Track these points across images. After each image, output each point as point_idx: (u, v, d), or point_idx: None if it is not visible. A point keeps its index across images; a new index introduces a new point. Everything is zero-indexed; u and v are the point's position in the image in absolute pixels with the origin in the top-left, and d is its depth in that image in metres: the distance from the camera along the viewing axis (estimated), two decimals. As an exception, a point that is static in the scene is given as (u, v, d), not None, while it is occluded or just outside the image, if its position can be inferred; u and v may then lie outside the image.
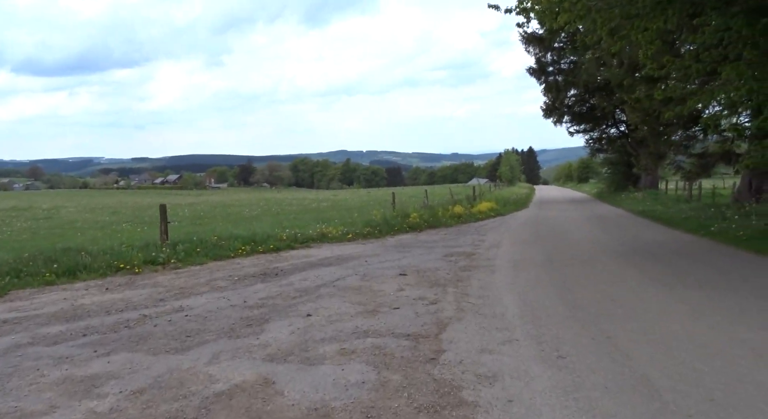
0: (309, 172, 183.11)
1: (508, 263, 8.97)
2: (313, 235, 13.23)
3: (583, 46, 19.94)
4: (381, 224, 14.91)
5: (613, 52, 10.41)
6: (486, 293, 6.65)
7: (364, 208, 23.86)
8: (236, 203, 37.13)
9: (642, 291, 6.54)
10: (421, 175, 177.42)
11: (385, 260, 9.73)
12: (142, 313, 6.04)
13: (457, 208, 19.43)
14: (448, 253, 10.42)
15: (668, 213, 15.90)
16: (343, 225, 14.97)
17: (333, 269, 8.84)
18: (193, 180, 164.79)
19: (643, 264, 8.68)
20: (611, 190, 33.80)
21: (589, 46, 19.40)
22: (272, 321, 5.55)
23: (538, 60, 30.71)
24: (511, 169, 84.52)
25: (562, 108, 30.39)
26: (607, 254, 9.79)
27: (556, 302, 6.00)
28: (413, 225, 15.65)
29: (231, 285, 7.62)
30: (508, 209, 22.89)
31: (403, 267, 8.82)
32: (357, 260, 9.82)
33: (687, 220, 13.68)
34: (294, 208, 29.34)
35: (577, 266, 8.53)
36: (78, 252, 9.33)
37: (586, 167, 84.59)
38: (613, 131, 33.09)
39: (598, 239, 11.98)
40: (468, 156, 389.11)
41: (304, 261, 9.93)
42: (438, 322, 5.35)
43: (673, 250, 10.30)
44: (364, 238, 13.60)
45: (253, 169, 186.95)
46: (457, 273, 8.23)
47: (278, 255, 10.79)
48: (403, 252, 10.81)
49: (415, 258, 9.94)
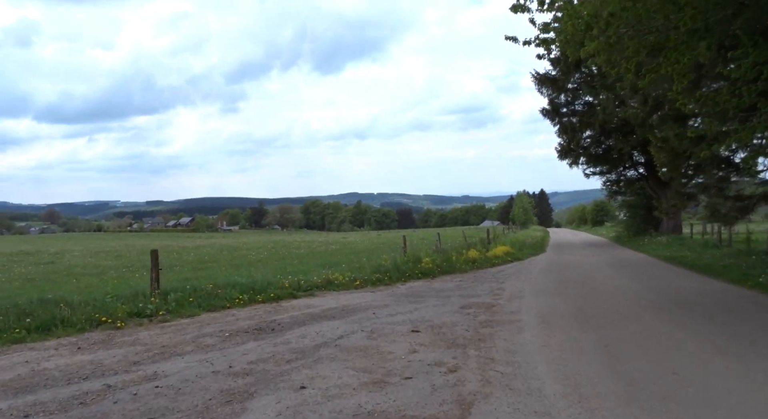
0: (320, 214, 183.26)
1: (536, 318, 7.93)
2: (317, 282, 12.29)
3: (601, 86, 19.41)
4: (391, 270, 13.95)
5: (641, 86, 9.67)
6: (515, 358, 5.62)
7: (374, 251, 22.92)
8: (244, 246, 36.38)
9: (708, 361, 5.41)
10: (432, 217, 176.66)
11: (396, 312, 8.73)
12: (106, 383, 5.09)
13: (471, 253, 18.44)
14: (466, 305, 9.40)
15: (701, 260, 14.75)
16: (350, 271, 14.03)
17: (336, 323, 7.86)
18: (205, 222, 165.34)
19: (692, 322, 7.58)
20: (630, 234, 32.58)
21: (607, 85, 18.91)
22: (257, 397, 4.57)
23: (551, 101, 30.21)
24: (525, 212, 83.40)
25: (578, 149, 29.63)
26: (645, 308, 8.71)
27: (605, 375, 4.93)
28: (426, 271, 14.67)
29: (219, 344, 6.67)
30: (526, 253, 21.82)
31: (416, 322, 7.82)
32: (364, 312, 8.83)
33: (727, 269, 12.53)
34: (302, 251, 28.49)
35: (616, 323, 7.46)
36: (56, 305, 8.44)
37: (600, 210, 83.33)
38: (631, 173, 32.14)
39: (630, 289, 10.88)
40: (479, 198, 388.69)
41: (305, 312, 8.97)
42: (460, 400, 4.34)
43: (721, 305, 9.18)
44: (373, 286, 12.63)
45: (264, 211, 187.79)
46: (478, 329, 7.21)
47: (278, 306, 9.84)
48: (416, 302, 9.81)
49: (429, 310, 8.94)
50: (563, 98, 30.15)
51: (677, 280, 12.22)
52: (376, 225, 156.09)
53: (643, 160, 29.73)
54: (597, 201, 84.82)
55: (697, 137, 11.31)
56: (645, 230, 30.76)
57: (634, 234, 32.11)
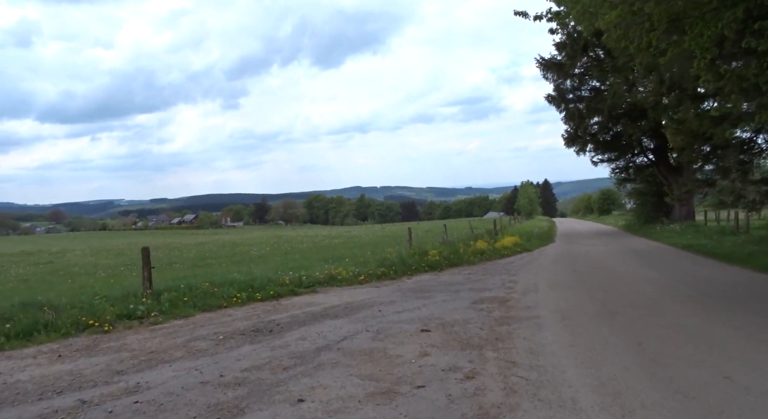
0: (323, 209, 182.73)
1: (555, 314, 7.32)
2: (320, 278, 11.71)
3: (612, 68, 18.66)
4: (396, 263, 13.36)
5: (662, 62, 8.98)
6: (539, 362, 5.02)
7: (379, 244, 22.32)
8: (247, 242, 35.85)
9: (761, 362, 4.79)
10: (436, 210, 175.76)
11: (403, 309, 8.15)
12: (81, 398, 4.53)
13: (479, 244, 17.82)
14: (478, 299, 8.81)
15: (723, 248, 14.06)
16: (354, 265, 13.45)
17: (339, 323, 7.28)
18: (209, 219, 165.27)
19: (730, 316, 6.96)
20: (641, 222, 31.82)
21: (618, 66, 18.16)
22: (249, 413, 3.99)
23: (557, 87, 29.41)
24: (530, 202, 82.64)
25: (585, 136, 28.84)
26: (673, 299, 8.08)
27: (645, 382, 4.31)
28: (432, 263, 14.07)
29: (212, 348, 6.10)
30: (534, 244, 21.18)
31: (425, 320, 7.24)
32: (369, 309, 8.26)
33: (752, 256, 11.85)
34: (305, 245, 27.92)
35: (645, 319, 6.84)
36: (40, 308, 7.89)
37: (607, 199, 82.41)
38: (640, 160, 31.31)
39: (651, 279, 10.22)
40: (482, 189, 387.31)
41: (306, 311, 8.40)
42: (482, 414, 3.75)
43: (758, 295, 8.55)
44: (378, 280, 12.06)
45: (268, 206, 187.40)
46: (494, 327, 6.62)
47: (278, 304, 9.28)
48: (424, 298, 9.23)
49: (438, 306, 8.35)
50: (569, 84, 29.34)
51: (701, 270, 11.56)
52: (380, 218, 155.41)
53: (653, 145, 28.93)
54: (603, 189, 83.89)
55: (720, 117, 10.64)
56: (656, 218, 30.01)
57: (644, 222, 31.36)
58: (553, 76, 28.87)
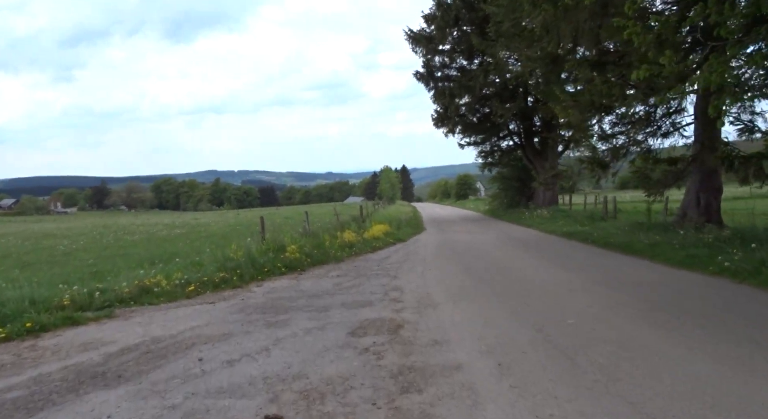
0: (174, 193, 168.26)
1: (485, 357, 4.65)
2: (125, 293, 8.04)
3: (496, 33, 16.87)
4: (243, 264, 10.07)
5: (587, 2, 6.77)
6: None
7: (228, 236, 18.55)
8: (64, 233, 29.38)
9: None
10: (296, 195, 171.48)
11: (241, 355, 5.03)
12: None
13: (347, 235, 15.07)
14: (357, 326, 5.94)
15: (611, 236, 12.79)
16: (184, 269, 9.89)
17: (113, 399, 3.94)
18: (33, 204, 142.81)
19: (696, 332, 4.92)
20: (504, 207, 31.58)
21: (502, 32, 16.42)
22: None
23: (426, 63, 27.57)
24: (392, 187, 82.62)
25: (454, 117, 27.42)
26: (630, 320, 5.78)
27: None
28: (291, 262, 11.01)
29: None
30: (406, 232, 18.98)
31: (274, 383, 4.21)
32: (183, 357, 5.00)
33: (657, 248, 10.43)
34: (136, 237, 23.02)
35: (621, 364, 4.44)
36: None
37: (464, 184, 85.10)
38: (506, 143, 30.83)
39: (573, 285, 8.01)
40: (343, 175, 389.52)
41: (71, 363, 4.93)
42: None
43: (704, 302, 6.75)
44: (214, 291, 8.74)
45: (108, 190, 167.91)
46: (395, 400, 3.76)
47: (32, 346, 5.67)
48: (276, 325, 6.15)
49: (298, 343, 5.35)
50: (438, 60, 27.66)
51: (615, 266, 9.77)
52: (237, 203, 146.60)
53: (522, 128, 28.41)
54: (461, 175, 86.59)
55: (632, 85, 8.95)
56: (518, 202, 29.81)
57: (507, 206, 31.13)
58: (422, 50, 26.96)
